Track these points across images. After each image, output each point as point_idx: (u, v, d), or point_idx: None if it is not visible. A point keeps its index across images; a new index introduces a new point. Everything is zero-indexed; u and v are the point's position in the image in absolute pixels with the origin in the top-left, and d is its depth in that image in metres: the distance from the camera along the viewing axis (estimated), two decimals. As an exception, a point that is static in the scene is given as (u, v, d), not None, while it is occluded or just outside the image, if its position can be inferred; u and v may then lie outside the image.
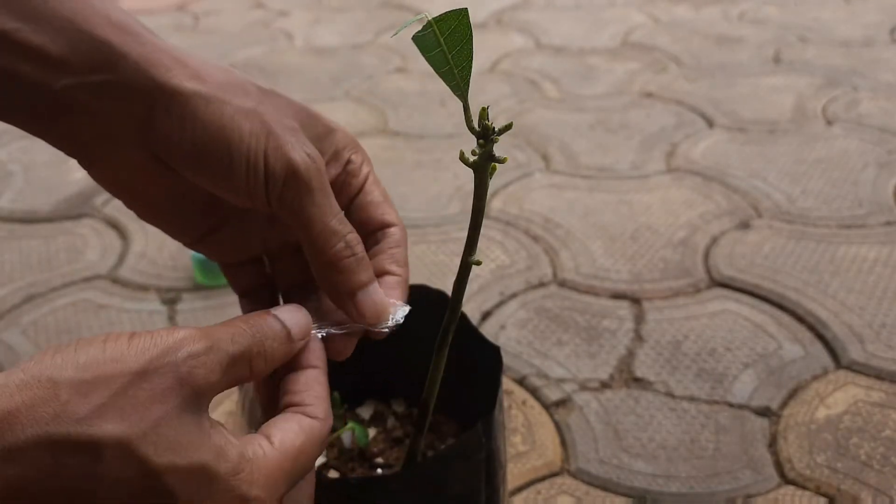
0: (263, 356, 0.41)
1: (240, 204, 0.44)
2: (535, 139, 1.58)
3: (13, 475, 0.32)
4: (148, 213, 0.48)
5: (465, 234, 0.47)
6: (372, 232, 0.50)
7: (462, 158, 0.43)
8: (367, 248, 0.49)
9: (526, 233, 1.27)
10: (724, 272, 1.16)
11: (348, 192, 0.49)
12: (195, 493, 0.35)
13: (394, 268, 0.49)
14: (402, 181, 1.44)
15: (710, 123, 1.62)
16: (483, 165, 0.43)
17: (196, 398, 0.36)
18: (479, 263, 0.46)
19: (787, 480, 0.84)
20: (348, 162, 0.49)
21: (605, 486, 0.84)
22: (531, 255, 1.22)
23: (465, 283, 0.47)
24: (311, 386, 0.43)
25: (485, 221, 1.29)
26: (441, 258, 1.21)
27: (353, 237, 0.45)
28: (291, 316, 0.43)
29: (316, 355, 0.45)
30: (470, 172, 1.44)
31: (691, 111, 1.68)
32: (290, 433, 0.40)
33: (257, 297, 0.52)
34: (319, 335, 0.46)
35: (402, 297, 0.49)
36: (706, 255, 1.20)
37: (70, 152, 0.45)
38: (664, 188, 1.39)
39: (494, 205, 1.35)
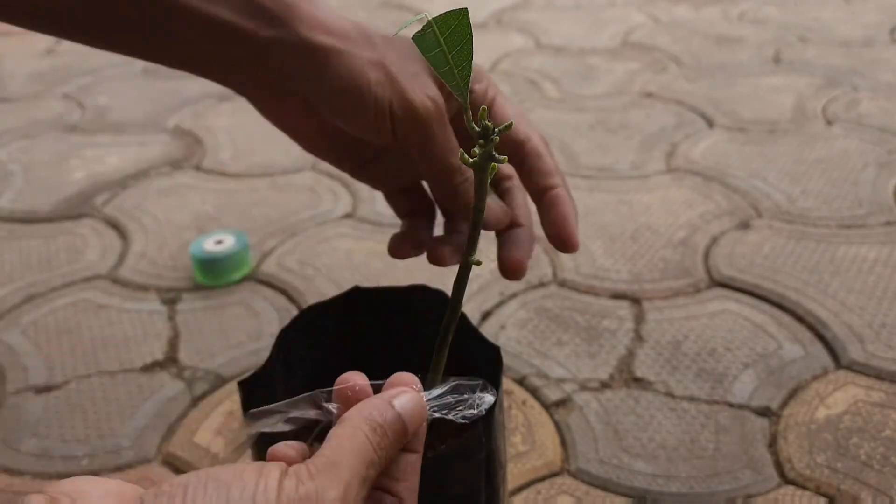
0: (386, 461, 0.39)
1: (377, 142, 0.51)
2: (535, 139, 1.57)
3: None
4: (309, 147, 0.55)
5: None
6: (511, 151, 0.54)
7: (462, 159, 0.43)
8: (516, 165, 0.55)
9: (526, 233, 1.26)
10: (724, 272, 1.16)
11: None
12: None
13: (547, 181, 0.54)
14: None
15: (710, 123, 1.62)
16: (483, 166, 0.43)
17: None
18: (478, 263, 0.46)
19: (787, 480, 0.84)
20: (471, 92, 0.52)
21: (605, 485, 0.84)
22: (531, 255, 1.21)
23: (465, 283, 0.47)
24: (409, 476, 0.41)
25: (485, 221, 1.29)
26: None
27: (464, 171, 0.51)
28: (411, 409, 0.40)
29: (419, 439, 0.42)
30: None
31: (691, 111, 1.68)
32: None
33: (416, 219, 0.59)
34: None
35: (569, 200, 0.54)
36: (706, 255, 1.20)
37: (243, 95, 0.52)
38: (664, 188, 1.39)
39: (494, 205, 1.34)
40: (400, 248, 0.58)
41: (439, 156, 0.50)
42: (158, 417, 0.95)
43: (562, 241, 0.56)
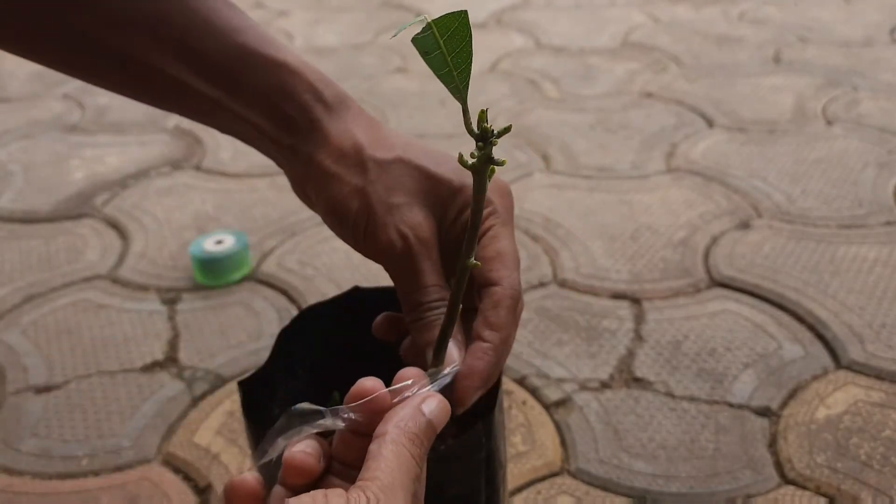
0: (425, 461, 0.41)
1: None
2: (535, 139, 1.58)
3: None
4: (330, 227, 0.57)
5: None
6: (480, 287, 0.51)
7: (461, 161, 0.43)
8: (478, 303, 0.51)
9: (526, 233, 1.27)
10: (724, 272, 1.16)
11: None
12: None
13: (485, 332, 0.49)
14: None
15: (710, 123, 1.62)
16: (482, 168, 0.43)
17: None
18: (477, 266, 0.46)
19: (787, 480, 0.84)
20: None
21: (605, 486, 0.84)
22: (531, 255, 1.22)
23: (464, 286, 0.46)
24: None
25: (485, 221, 1.29)
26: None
27: (426, 307, 0.50)
28: (438, 413, 0.42)
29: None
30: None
31: (691, 111, 1.68)
32: None
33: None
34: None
35: (487, 364, 0.48)
36: (706, 255, 1.20)
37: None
38: (664, 188, 1.39)
39: (494, 205, 1.34)
40: (382, 328, 0.59)
41: (402, 290, 0.51)
42: (158, 417, 0.95)
43: (455, 395, 0.50)
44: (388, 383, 0.43)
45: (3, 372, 1.03)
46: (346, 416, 0.42)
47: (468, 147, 0.45)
